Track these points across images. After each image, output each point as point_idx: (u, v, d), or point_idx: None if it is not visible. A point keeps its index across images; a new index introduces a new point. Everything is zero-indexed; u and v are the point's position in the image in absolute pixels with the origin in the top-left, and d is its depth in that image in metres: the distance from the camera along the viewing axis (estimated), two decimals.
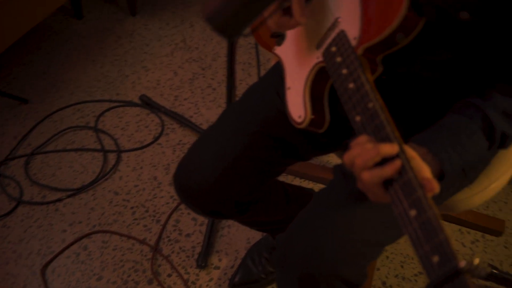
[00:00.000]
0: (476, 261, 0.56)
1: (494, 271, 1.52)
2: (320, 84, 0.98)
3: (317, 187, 1.76)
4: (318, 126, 0.98)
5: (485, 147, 0.80)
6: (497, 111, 0.79)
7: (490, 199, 1.26)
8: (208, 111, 1.99)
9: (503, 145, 0.81)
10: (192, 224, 1.63)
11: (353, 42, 0.87)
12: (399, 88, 0.94)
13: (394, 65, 0.90)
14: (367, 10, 0.86)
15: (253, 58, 2.19)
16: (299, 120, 0.97)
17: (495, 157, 1.13)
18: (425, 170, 0.66)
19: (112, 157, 1.83)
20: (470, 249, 1.61)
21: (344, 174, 0.96)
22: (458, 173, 0.85)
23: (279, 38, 1.09)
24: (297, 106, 0.98)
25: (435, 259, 0.59)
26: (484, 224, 1.61)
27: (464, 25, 0.78)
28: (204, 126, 1.92)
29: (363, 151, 0.68)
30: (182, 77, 2.13)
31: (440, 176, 0.80)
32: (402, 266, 1.55)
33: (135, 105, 2.02)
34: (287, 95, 1.02)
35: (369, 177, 0.66)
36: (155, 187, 1.74)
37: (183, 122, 1.92)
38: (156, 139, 1.89)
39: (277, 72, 1.09)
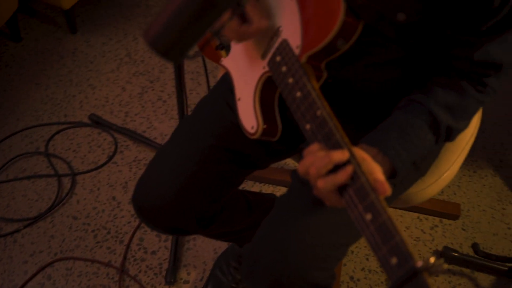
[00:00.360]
0: (432, 259, 0.58)
1: (455, 254, 1.58)
2: (269, 93, 0.99)
3: (277, 189, 1.77)
4: (272, 135, 0.99)
5: (432, 141, 0.83)
6: (440, 106, 0.82)
7: None
8: (161, 124, 1.97)
9: (448, 138, 0.85)
10: (157, 241, 1.62)
11: (296, 51, 0.89)
12: (345, 91, 0.96)
13: (338, 69, 0.92)
14: (307, 19, 0.88)
15: (201, 67, 2.18)
16: (252, 131, 0.98)
17: (444, 148, 1.17)
18: (376, 171, 0.68)
19: (67, 181, 1.79)
20: (430, 235, 1.66)
21: (302, 181, 0.98)
22: (410, 168, 0.88)
23: (224, 49, 1.09)
24: (249, 117, 0.99)
25: (394, 260, 0.61)
26: (441, 209, 1.68)
27: (401, 26, 0.80)
28: (159, 140, 1.91)
29: (315, 160, 0.70)
30: (131, 92, 2.10)
31: (392, 173, 0.83)
32: (367, 259, 1.59)
33: (85, 125, 1.97)
34: (238, 106, 1.02)
35: (324, 185, 0.68)
36: (115, 207, 1.71)
37: (137, 138, 1.90)
38: (110, 158, 1.85)
39: (226, 84, 1.10)
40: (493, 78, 0.82)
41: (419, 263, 0.58)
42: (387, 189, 0.63)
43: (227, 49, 1.09)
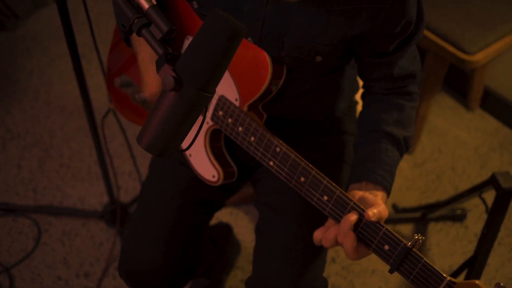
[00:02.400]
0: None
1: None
2: (217, 142, 1.11)
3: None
4: (231, 176, 1.11)
5: (399, 155, 1.00)
6: (390, 125, 0.99)
7: None
8: (74, 189, 1.95)
9: (407, 147, 1.02)
10: None
11: (236, 103, 1.02)
12: (282, 121, 1.12)
13: (271, 105, 1.07)
14: (238, 74, 1.01)
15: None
16: (214, 180, 1.09)
17: None
18: (378, 204, 0.84)
19: (3, 279, 1.71)
20: None
21: (270, 207, 1.12)
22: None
23: None
24: (207, 168, 1.10)
25: (386, 247, 0.80)
26: None
27: (319, 64, 0.97)
28: (78, 206, 1.89)
29: (324, 240, 0.86)
30: (29, 167, 2.04)
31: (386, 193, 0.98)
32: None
33: None
34: (192, 162, 1.12)
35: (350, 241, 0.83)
36: (63, 286, 1.69)
37: (56, 211, 1.86)
38: (37, 240, 1.80)
39: None
40: (412, 85, 1.03)
41: (409, 244, 0.78)
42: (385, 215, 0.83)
43: None
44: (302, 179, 0.90)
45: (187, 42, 1.10)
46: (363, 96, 1.11)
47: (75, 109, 2.25)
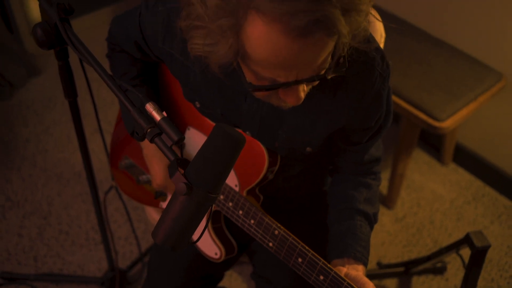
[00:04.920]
0: None
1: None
2: (218, 222, 1.23)
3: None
4: (232, 252, 1.23)
5: (370, 230, 1.13)
6: (362, 203, 1.13)
7: None
8: (73, 256, 2.03)
9: (376, 222, 1.16)
10: None
11: (236, 189, 1.14)
12: (276, 202, 1.25)
13: (266, 188, 1.20)
14: (237, 164, 1.14)
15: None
16: (217, 257, 1.20)
17: None
18: (367, 283, 0.96)
19: None
20: None
21: (267, 280, 1.23)
22: None
23: (162, 196, 1.30)
24: (209, 247, 1.21)
25: None
26: None
27: (308, 153, 1.11)
28: (79, 272, 1.97)
29: None
30: (29, 235, 2.11)
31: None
32: None
33: None
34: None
35: None
36: None
37: (56, 279, 1.94)
38: None
39: None
40: (377, 166, 1.18)
41: None
42: None
43: (164, 195, 1.30)
44: (300, 259, 1.02)
45: (188, 133, 1.23)
46: (331, 173, 1.25)
47: (71, 176, 2.35)
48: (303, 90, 0.85)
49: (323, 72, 0.81)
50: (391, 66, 1.01)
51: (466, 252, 1.58)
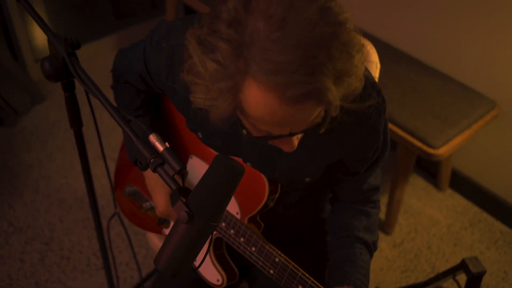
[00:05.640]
0: None
1: None
2: (220, 249, 1.26)
3: None
4: (234, 278, 1.26)
5: (370, 258, 1.16)
6: (362, 231, 1.17)
7: None
8: (75, 282, 2.05)
9: (375, 249, 1.19)
10: None
11: (238, 216, 1.18)
12: (277, 230, 1.28)
13: (266, 216, 1.23)
14: (239, 192, 1.18)
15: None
16: (219, 283, 1.23)
17: None
18: None
19: None
20: None
21: None
22: None
23: (165, 223, 1.33)
24: (211, 273, 1.24)
25: None
26: None
27: (306, 183, 1.15)
28: None
29: None
30: (31, 261, 2.14)
31: None
32: None
33: None
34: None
35: None
36: None
37: None
38: None
39: None
40: (376, 195, 1.22)
41: None
42: None
43: (167, 222, 1.33)
44: (300, 287, 1.05)
45: (191, 161, 1.27)
46: (331, 202, 1.28)
47: (73, 201, 2.38)
48: (297, 138, 0.91)
49: (316, 123, 0.87)
50: (386, 98, 1.06)
51: (462, 278, 1.61)
